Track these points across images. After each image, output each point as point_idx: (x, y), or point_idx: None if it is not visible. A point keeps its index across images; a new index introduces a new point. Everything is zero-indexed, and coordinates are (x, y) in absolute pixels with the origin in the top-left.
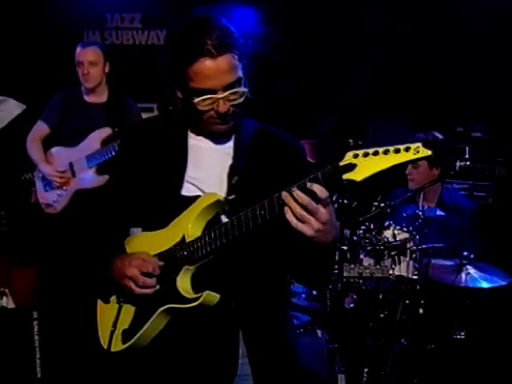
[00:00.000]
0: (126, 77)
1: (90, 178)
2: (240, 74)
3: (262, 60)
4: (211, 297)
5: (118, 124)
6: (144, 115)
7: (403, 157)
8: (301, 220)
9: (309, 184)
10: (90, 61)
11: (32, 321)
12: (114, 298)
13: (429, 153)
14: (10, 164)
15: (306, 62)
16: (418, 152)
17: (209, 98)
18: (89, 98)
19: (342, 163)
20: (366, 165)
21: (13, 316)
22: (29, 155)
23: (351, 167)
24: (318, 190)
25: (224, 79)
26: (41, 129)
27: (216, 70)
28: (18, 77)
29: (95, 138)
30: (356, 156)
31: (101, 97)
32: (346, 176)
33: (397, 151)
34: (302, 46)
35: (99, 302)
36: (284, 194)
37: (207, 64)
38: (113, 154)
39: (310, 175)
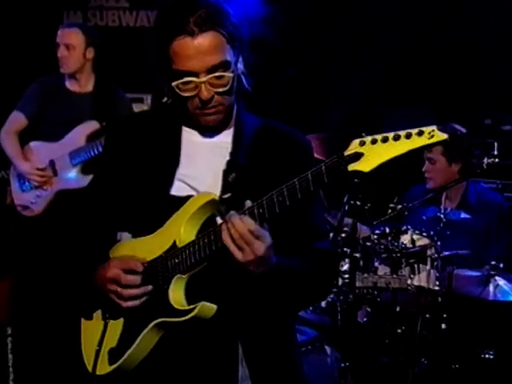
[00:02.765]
0: (112, 63)
1: (73, 177)
2: (227, 57)
3: (263, 44)
4: (207, 308)
5: (106, 117)
6: (134, 107)
7: (416, 142)
8: (237, 245)
9: (241, 216)
10: (67, 43)
11: (5, 337)
12: (98, 313)
13: (444, 136)
14: None
15: (312, 47)
16: (432, 136)
17: (190, 82)
18: (72, 87)
19: (346, 153)
20: (374, 153)
21: None
22: (3, 149)
23: (358, 157)
24: (248, 222)
25: (205, 60)
26: (17, 120)
27: (196, 49)
28: None
29: (80, 133)
30: (363, 144)
31: (86, 86)
32: (352, 167)
33: (408, 136)
34: (308, 30)
35: (82, 319)
36: (227, 217)
37: (186, 43)
38: (100, 150)
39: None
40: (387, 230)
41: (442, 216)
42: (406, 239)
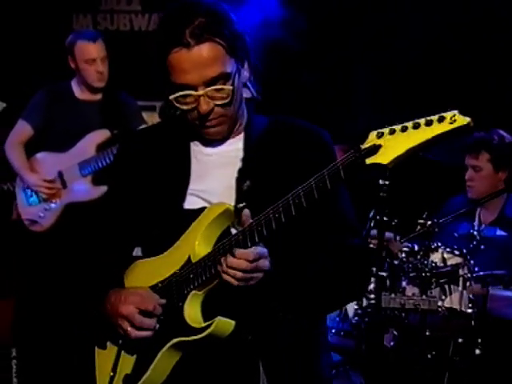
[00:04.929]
0: (123, 69)
1: (83, 189)
2: (227, 68)
3: (283, 49)
4: (224, 324)
5: (116, 125)
6: (145, 115)
7: (437, 128)
8: (244, 280)
9: (233, 252)
10: (103, 56)
11: (10, 360)
12: (110, 342)
13: (467, 120)
14: None
15: (334, 52)
16: (454, 121)
17: (188, 95)
18: (81, 95)
19: (364, 146)
20: (393, 144)
21: None
22: (9, 161)
23: (376, 149)
24: (244, 254)
25: (203, 73)
26: (22, 130)
27: (192, 62)
28: None
29: (90, 142)
30: (380, 135)
31: (96, 94)
32: (370, 160)
33: (429, 123)
34: (330, 33)
35: (96, 347)
36: (222, 260)
37: (182, 55)
38: (111, 160)
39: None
40: (416, 248)
41: (475, 233)
42: (436, 257)
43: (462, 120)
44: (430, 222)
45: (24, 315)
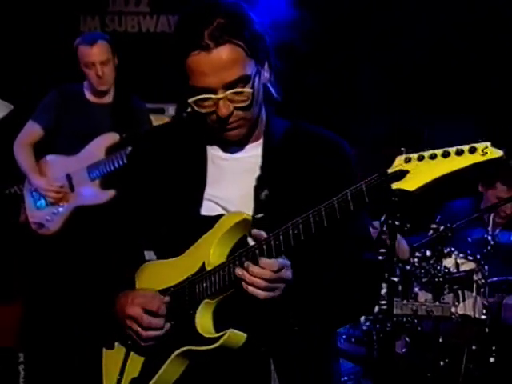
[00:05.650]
0: (132, 71)
1: (91, 192)
2: (247, 70)
3: (292, 50)
4: (236, 336)
5: (126, 128)
6: (153, 118)
7: (467, 159)
8: (267, 289)
9: (257, 261)
10: (102, 60)
11: (17, 364)
12: (118, 343)
13: (500, 153)
14: None
15: (343, 53)
16: (485, 153)
17: (207, 99)
18: (92, 98)
19: (390, 170)
20: (420, 171)
21: None
22: (17, 163)
23: (402, 174)
24: (268, 264)
25: (222, 76)
26: (32, 131)
27: (212, 65)
28: (4, 72)
29: (99, 145)
30: (408, 160)
31: (106, 97)
32: (396, 185)
33: (459, 153)
34: (339, 34)
35: (103, 348)
36: (239, 270)
37: (201, 58)
38: (120, 164)
39: (352, 186)
40: (428, 253)
41: (489, 238)
42: (449, 263)
43: (495, 153)
44: (442, 227)
45: (31, 320)
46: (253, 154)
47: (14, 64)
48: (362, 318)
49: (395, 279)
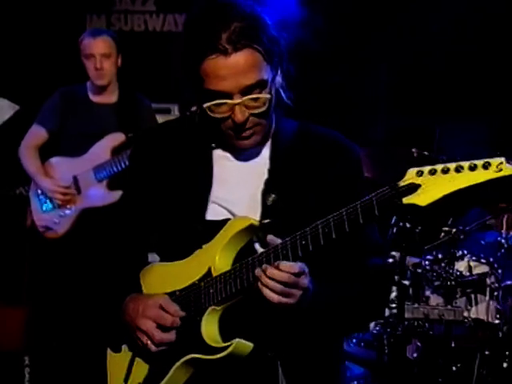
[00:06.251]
0: (138, 70)
1: (99, 194)
2: (264, 75)
3: (302, 49)
4: (243, 346)
5: (132, 128)
6: (160, 118)
7: (481, 175)
8: (283, 294)
9: (276, 264)
10: (103, 53)
11: (23, 368)
12: (125, 346)
13: None
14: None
15: (355, 53)
16: (500, 170)
17: (222, 104)
18: (95, 98)
19: (401, 183)
20: (432, 185)
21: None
22: (23, 166)
23: (414, 188)
24: (288, 267)
25: (240, 81)
26: (37, 134)
27: (230, 70)
28: (10, 72)
29: (105, 146)
30: (420, 174)
31: (110, 96)
32: (407, 200)
33: (473, 168)
34: (351, 34)
35: (108, 350)
36: (257, 271)
37: (219, 62)
38: (127, 164)
39: (362, 196)
40: (440, 256)
41: (503, 241)
42: (461, 266)
43: (510, 170)
44: (454, 230)
45: (37, 323)
46: (261, 156)
47: (20, 63)
48: (372, 322)
49: (406, 282)
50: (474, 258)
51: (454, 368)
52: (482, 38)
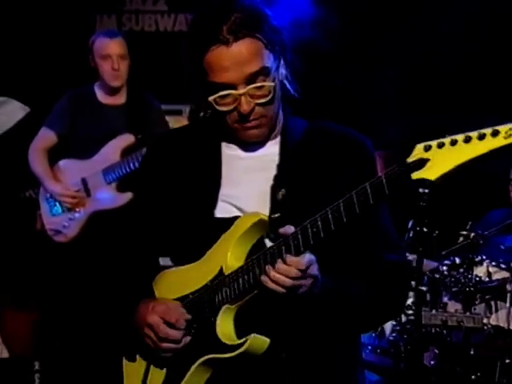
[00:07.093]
0: (149, 71)
1: (108, 196)
2: (267, 63)
3: (314, 49)
4: (259, 341)
5: (141, 129)
6: (171, 119)
7: (490, 143)
8: (293, 288)
9: (283, 259)
10: (120, 54)
11: (33, 373)
12: (140, 355)
13: None
14: (8, 179)
15: (368, 53)
16: (509, 136)
17: (228, 95)
18: (104, 99)
19: (410, 159)
20: (441, 158)
21: (9, 367)
22: (32, 169)
23: (422, 163)
24: (295, 262)
25: (243, 70)
26: (46, 137)
27: (232, 59)
28: (20, 73)
29: (114, 148)
30: (428, 148)
31: (119, 97)
32: (416, 175)
33: (481, 137)
34: (364, 33)
35: (124, 359)
36: (267, 267)
37: (221, 53)
38: (136, 165)
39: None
40: (458, 261)
41: None
42: (480, 271)
43: None
44: (473, 234)
45: (47, 328)
46: (269, 151)
47: (30, 64)
48: (389, 329)
49: (423, 288)
50: (493, 263)
51: (473, 377)
52: (492, 38)
